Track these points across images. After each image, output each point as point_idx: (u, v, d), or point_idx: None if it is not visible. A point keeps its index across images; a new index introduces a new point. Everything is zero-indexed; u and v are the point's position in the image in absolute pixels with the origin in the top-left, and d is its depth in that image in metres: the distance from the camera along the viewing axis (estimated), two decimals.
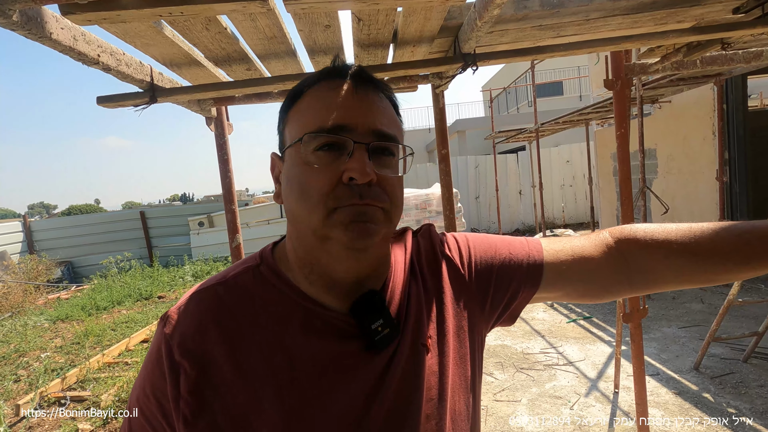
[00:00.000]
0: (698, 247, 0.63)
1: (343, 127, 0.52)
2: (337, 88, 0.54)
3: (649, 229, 0.67)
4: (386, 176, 0.54)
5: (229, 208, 1.79)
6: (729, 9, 1.44)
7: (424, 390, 0.56)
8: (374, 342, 0.55)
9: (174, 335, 0.53)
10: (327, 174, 0.51)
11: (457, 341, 0.62)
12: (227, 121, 1.81)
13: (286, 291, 0.57)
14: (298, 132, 0.54)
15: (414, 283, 0.62)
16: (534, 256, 0.67)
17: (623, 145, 2.02)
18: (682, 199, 5.91)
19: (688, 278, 0.66)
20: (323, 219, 0.51)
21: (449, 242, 0.69)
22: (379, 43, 1.27)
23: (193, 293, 0.58)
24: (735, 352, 3.56)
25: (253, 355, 0.53)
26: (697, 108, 5.57)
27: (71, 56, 0.93)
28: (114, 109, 1.32)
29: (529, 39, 1.45)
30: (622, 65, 1.97)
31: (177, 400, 0.51)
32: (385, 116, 0.56)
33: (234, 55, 1.25)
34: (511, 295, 0.67)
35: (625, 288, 0.69)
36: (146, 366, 0.56)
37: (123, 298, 7.31)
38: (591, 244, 0.69)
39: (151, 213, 11.24)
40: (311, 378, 0.52)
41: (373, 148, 0.53)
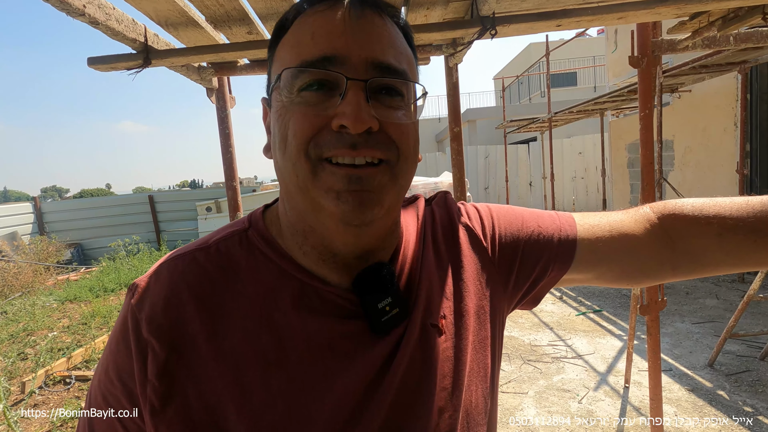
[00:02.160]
0: (758, 222, 0.53)
1: (331, 59, 0.41)
2: (326, 11, 0.43)
3: (698, 204, 0.58)
4: (391, 122, 0.43)
5: (230, 184, 1.72)
6: None
7: (437, 378, 0.48)
8: (380, 323, 0.46)
9: (142, 307, 0.45)
10: (310, 117, 0.42)
11: (477, 323, 0.53)
12: (229, 94, 1.73)
13: (276, 260, 0.48)
14: (279, 69, 0.44)
15: (427, 257, 0.54)
16: (566, 231, 0.58)
17: (647, 126, 1.90)
18: (699, 192, 5.74)
19: (742, 260, 0.56)
20: (308, 175, 0.42)
21: (469, 212, 0.60)
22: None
23: (167, 259, 0.49)
24: (752, 349, 3.44)
25: (236, 334, 0.45)
26: (719, 98, 5.36)
27: (53, 4, 0.85)
28: (107, 72, 1.24)
29: (553, 3, 1.34)
30: (649, 41, 1.84)
31: (144, 383, 0.43)
32: (390, 44, 0.44)
33: (233, 13, 1.16)
34: (539, 274, 0.58)
35: (667, 271, 0.59)
36: (110, 345, 0.47)
37: (130, 281, 7.35)
38: (631, 219, 0.60)
39: (159, 197, 11.29)
40: (303, 361, 0.44)
41: (374, 86, 0.42)
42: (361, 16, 0.43)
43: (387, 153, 0.43)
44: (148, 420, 0.43)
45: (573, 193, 11.01)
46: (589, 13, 1.22)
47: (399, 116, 0.44)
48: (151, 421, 0.43)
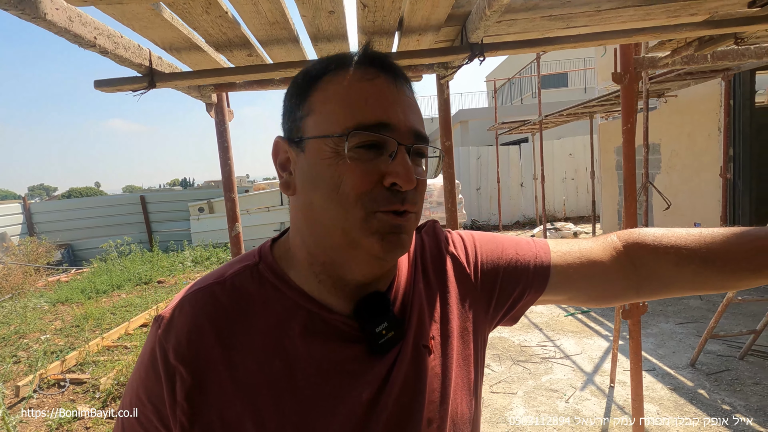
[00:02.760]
0: (710, 253, 0.61)
1: (387, 126, 0.49)
2: (374, 80, 0.50)
3: (658, 234, 0.65)
4: (421, 179, 0.52)
5: (229, 196, 1.77)
6: (744, 2, 1.40)
7: (426, 393, 0.54)
8: (378, 346, 0.53)
9: (169, 338, 0.51)
10: (366, 173, 0.48)
11: (461, 342, 0.60)
12: (228, 108, 1.78)
13: (286, 291, 0.54)
14: (332, 124, 0.49)
15: (417, 283, 0.60)
16: (541, 258, 0.65)
17: (629, 140, 1.99)
18: (684, 195, 5.89)
19: (698, 285, 0.64)
20: (360, 222, 0.49)
21: (455, 240, 0.67)
22: (384, 30, 1.24)
23: (189, 293, 0.55)
24: (732, 349, 3.57)
25: (251, 361, 0.50)
26: (704, 103, 5.50)
27: (67, 38, 0.90)
28: (112, 93, 1.29)
29: (538, 29, 1.42)
30: (632, 59, 1.93)
31: (174, 406, 0.49)
32: (419, 116, 0.53)
33: (235, 40, 1.21)
34: (517, 297, 0.65)
35: (632, 294, 0.67)
36: (140, 369, 0.53)
37: (122, 282, 7.34)
38: (599, 247, 0.67)
39: (151, 198, 11.23)
40: (312, 384, 0.50)
41: (413, 150, 0.51)
42: (401, 88, 0.52)
43: (417, 205, 0.52)
44: None
45: (563, 193, 11.16)
46: (571, 40, 1.30)
47: (422, 173, 0.53)
48: None
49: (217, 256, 9.10)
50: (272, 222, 10.48)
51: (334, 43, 1.33)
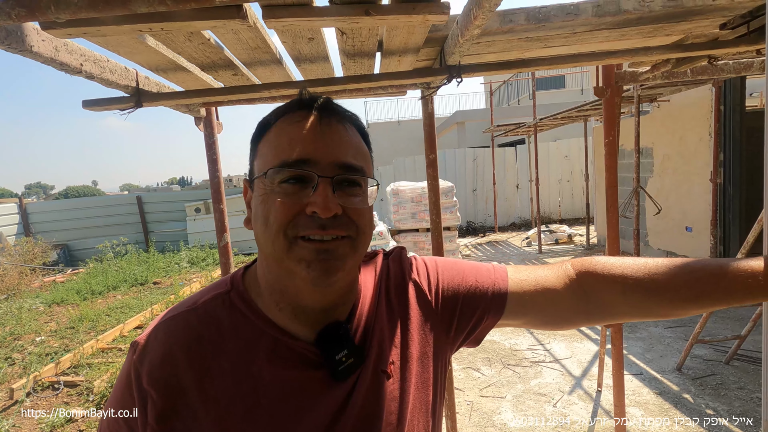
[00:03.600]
0: (652, 282, 0.66)
1: (306, 161, 0.53)
2: (302, 121, 0.55)
3: (608, 264, 0.69)
4: (352, 207, 0.55)
5: (218, 207, 1.81)
6: (716, 25, 1.45)
7: (384, 416, 0.58)
8: (338, 372, 0.56)
9: (143, 363, 0.55)
10: (288, 205, 0.53)
11: (420, 366, 0.63)
12: (216, 121, 1.82)
13: (253, 319, 0.58)
14: (264, 165, 0.55)
15: (380, 310, 0.64)
16: (499, 285, 0.69)
17: (611, 152, 2.03)
18: (676, 199, 5.94)
19: (644, 312, 0.68)
20: (285, 250, 0.53)
21: (418, 267, 0.70)
22: (365, 53, 1.28)
23: (163, 321, 0.59)
24: (718, 353, 3.62)
25: (220, 383, 0.54)
26: (695, 108, 5.55)
27: (53, 66, 0.94)
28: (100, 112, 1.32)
29: (517, 49, 1.46)
30: (613, 73, 1.98)
31: (144, 426, 0.53)
32: (351, 147, 0.56)
33: (219, 62, 1.25)
34: (476, 322, 0.69)
35: (582, 319, 0.71)
36: (116, 392, 0.57)
37: (118, 283, 7.35)
38: (554, 275, 0.71)
39: (148, 198, 11.24)
40: (276, 406, 0.54)
41: (338, 180, 0.54)
42: (328, 124, 0.55)
43: (348, 231, 0.54)
44: None
45: (559, 195, 11.21)
46: (546, 62, 1.34)
47: (357, 202, 0.56)
48: None
49: (213, 257, 9.12)
50: None
51: (317, 63, 1.37)
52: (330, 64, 1.41)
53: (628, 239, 6.62)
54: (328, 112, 0.57)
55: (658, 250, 6.44)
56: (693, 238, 5.72)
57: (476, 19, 0.93)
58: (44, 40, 0.89)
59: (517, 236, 9.68)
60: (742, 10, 1.36)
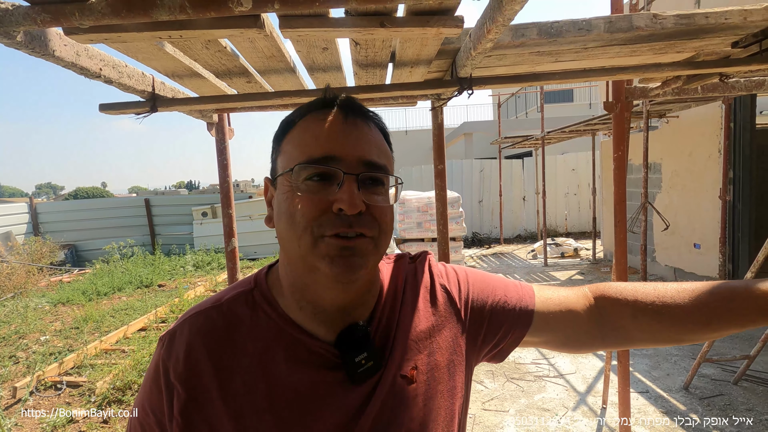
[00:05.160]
0: (662, 306, 0.65)
1: (332, 158, 0.53)
2: (327, 119, 0.55)
3: (620, 288, 0.69)
4: (375, 205, 0.54)
5: (226, 212, 1.82)
6: (728, 43, 1.45)
7: (405, 421, 0.57)
8: (356, 374, 0.56)
9: (170, 357, 0.56)
10: (315, 202, 0.52)
11: (447, 374, 0.62)
12: (228, 126, 1.84)
13: (274, 318, 0.58)
14: (289, 162, 0.55)
15: (405, 313, 0.63)
16: (526, 302, 0.68)
17: (620, 167, 2.03)
18: (684, 215, 5.89)
19: (655, 337, 0.68)
20: (310, 247, 0.52)
21: (448, 274, 0.69)
22: (378, 63, 1.29)
23: (189, 317, 0.60)
24: (726, 373, 3.56)
25: (239, 381, 0.55)
26: (704, 125, 5.53)
27: (73, 71, 0.96)
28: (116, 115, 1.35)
29: (528, 63, 1.47)
30: (623, 88, 1.98)
31: (171, 418, 0.54)
32: (374, 146, 0.56)
33: (234, 69, 1.28)
34: (502, 336, 0.68)
35: (598, 343, 0.70)
36: (145, 384, 0.59)
37: (124, 285, 7.39)
38: (575, 297, 0.71)
39: (155, 201, 11.34)
40: (291, 406, 0.54)
41: (363, 178, 0.54)
42: (353, 123, 0.56)
43: (371, 229, 0.54)
44: None
45: (565, 208, 11.16)
46: (557, 76, 1.34)
47: (380, 200, 0.56)
48: None
49: (218, 261, 9.16)
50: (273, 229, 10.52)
51: (329, 73, 1.39)
52: (342, 74, 1.43)
53: (635, 254, 6.56)
54: (353, 110, 0.57)
55: (665, 266, 6.37)
56: (701, 256, 5.66)
57: (489, 32, 0.94)
58: (66, 45, 0.91)
59: (523, 248, 9.62)
60: (754, 29, 1.36)
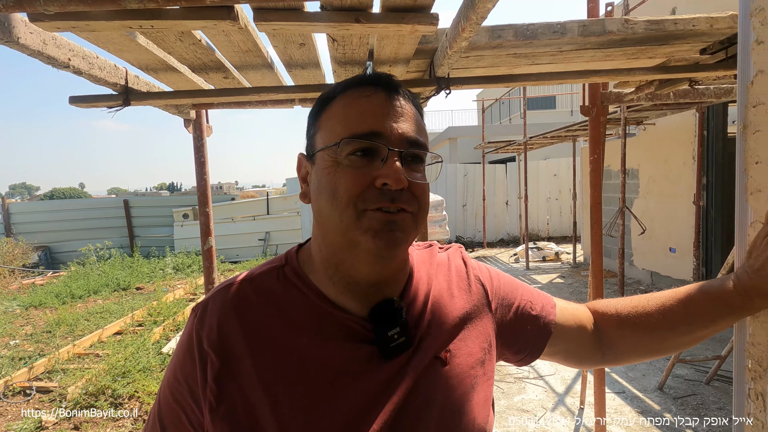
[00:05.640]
0: (638, 316, 0.69)
1: (377, 134, 0.54)
2: (370, 96, 0.56)
3: (607, 302, 0.74)
4: (416, 182, 0.55)
5: (203, 210, 1.79)
6: (696, 49, 1.50)
7: (439, 401, 0.57)
8: (389, 349, 0.56)
9: (203, 327, 0.57)
10: (359, 177, 0.53)
11: (479, 361, 0.63)
12: (206, 124, 1.82)
13: (306, 292, 0.59)
14: (332, 137, 0.55)
15: (439, 296, 0.64)
16: (548, 310, 0.71)
17: (596, 170, 2.07)
18: (660, 220, 6.04)
19: (639, 349, 0.71)
20: (353, 221, 0.53)
21: (481, 268, 0.71)
22: (356, 61, 1.29)
23: (222, 288, 0.61)
24: (699, 373, 3.65)
25: (270, 352, 0.55)
26: (680, 133, 5.70)
27: (40, 59, 0.93)
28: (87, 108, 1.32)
29: (505, 65, 1.49)
30: (599, 93, 2.03)
31: (204, 386, 0.55)
32: (415, 124, 0.57)
33: (210, 64, 1.26)
34: (525, 341, 0.69)
35: (598, 358, 0.73)
36: (178, 353, 0.59)
37: (100, 288, 7.20)
38: (582, 311, 0.74)
39: (135, 202, 11.10)
40: (320, 378, 0.54)
41: (405, 155, 0.55)
42: (396, 100, 0.57)
43: (412, 206, 0.55)
44: (207, 414, 0.54)
45: (547, 213, 11.33)
46: (533, 78, 1.37)
47: (420, 177, 0.57)
48: (209, 415, 0.54)
49: (198, 263, 9.00)
50: (257, 231, 10.41)
51: (308, 70, 1.38)
52: (321, 71, 1.42)
53: (613, 258, 6.70)
54: (395, 89, 0.58)
55: (642, 269, 6.52)
56: (676, 259, 5.81)
57: (464, 31, 0.95)
58: (32, 32, 0.89)
59: (506, 252, 9.72)
60: (720, 36, 1.41)
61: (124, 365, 3.80)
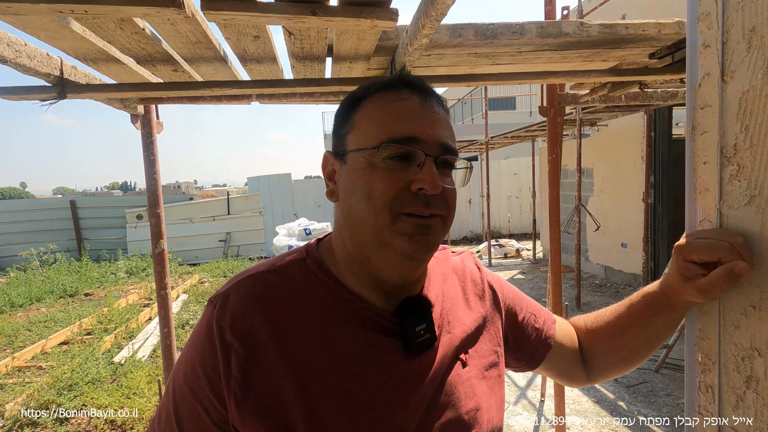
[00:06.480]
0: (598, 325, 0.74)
1: (415, 139, 0.54)
2: (407, 100, 0.56)
3: (579, 317, 0.78)
4: (448, 187, 0.56)
5: (154, 212, 1.68)
6: (646, 54, 1.56)
7: (463, 402, 0.59)
8: (415, 344, 0.57)
9: (225, 316, 0.55)
10: (395, 181, 0.54)
11: (493, 365, 0.65)
12: (156, 120, 1.71)
13: (331, 285, 0.58)
14: (368, 139, 0.55)
15: (454, 298, 0.65)
16: (549, 324, 0.74)
17: (554, 168, 2.12)
18: (613, 217, 6.35)
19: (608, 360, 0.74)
20: (388, 224, 0.53)
21: (492, 276, 0.73)
22: (315, 56, 1.25)
23: (243, 278, 0.59)
24: (649, 362, 3.86)
25: (297, 341, 0.55)
26: (630, 134, 6.00)
27: None
28: (18, 101, 1.19)
29: (466, 64, 1.49)
30: (556, 94, 2.09)
31: (228, 377, 0.53)
32: (448, 130, 0.58)
33: (157, 56, 1.17)
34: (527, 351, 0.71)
35: (585, 377, 0.76)
36: (195, 345, 0.57)
37: (44, 295, 6.72)
38: (572, 330, 0.77)
39: (83, 203, 10.43)
40: (349, 367, 0.54)
41: (440, 161, 0.56)
42: (431, 106, 0.58)
43: (443, 210, 0.56)
44: (233, 407, 0.52)
45: (508, 211, 11.66)
46: (493, 78, 1.38)
47: (451, 182, 0.58)
48: (235, 407, 0.52)
49: None
50: (217, 232, 10.07)
51: (264, 64, 1.32)
52: (278, 66, 1.36)
53: (570, 254, 6.97)
54: (429, 94, 0.58)
55: (597, 264, 6.83)
56: (628, 254, 6.12)
57: (424, 27, 0.93)
58: None
59: (469, 249, 9.92)
60: (667, 41, 1.47)
61: (70, 377, 3.55)
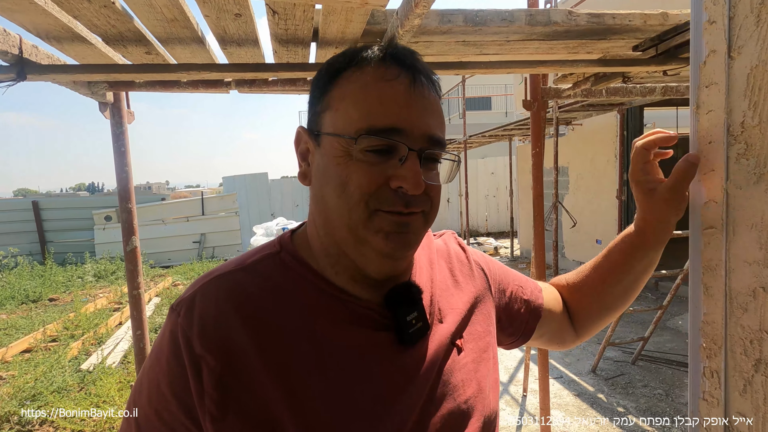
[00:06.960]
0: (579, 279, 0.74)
1: (397, 131, 0.48)
2: (393, 81, 0.49)
3: (561, 277, 0.78)
4: (431, 183, 0.52)
5: (125, 207, 1.58)
6: (630, 46, 1.57)
7: (460, 388, 0.56)
8: (408, 335, 0.53)
9: (191, 325, 0.48)
10: (373, 175, 0.48)
11: (487, 346, 0.62)
12: (127, 109, 1.61)
13: (311, 279, 0.53)
14: (345, 124, 0.49)
15: (442, 281, 0.62)
16: (536, 294, 0.72)
17: (538, 164, 2.13)
18: (588, 214, 6.49)
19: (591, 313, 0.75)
20: (363, 220, 0.49)
21: (477, 254, 0.71)
22: (299, 40, 1.19)
23: (211, 279, 0.53)
24: (626, 355, 3.95)
25: (280, 344, 0.50)
26: (603, 133, 6.16)
27: None
28: None
29: (454, 53, 1.46)
30: (540, 88, 2.09)
31: (201, 396, 0.47)
32: (437, 118, 0.52)
33: (128, 35, 1.08)
34: (518, 325, 0.70)
35: (573, 335, 0.75)
36: (158, 361, 0.50)
37: (3, 300, 6.36)
38: (556, 292, 0.77)
39: (46, 204, 9.95)
40: (339, 368, 0.50)
41: (425, 155, 0.50)
42: (420, 89, 0.50)
43: (425, 207, 0.52)
44: (209, 428, 0.46)
45: (486, 210, 11.81)
46: (482, 66, 1.35)
47: (435, 177, 0.53)
48: (212, 427, 0.46)
49: (124, 269, 8.26)
50: (191, 233, 9.79)
51: (245, 48, 1.25)
52: (260, 50, 1.29)
53: (547, 251, 7.09)
54: (420, 73, 0.51)
55: (573, 261, 6.97)
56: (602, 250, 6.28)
57: (417, 6, 0.89)
58: None
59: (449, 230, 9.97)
60: (652, 33, 1.49)
61: (33, 387, 3.35)
